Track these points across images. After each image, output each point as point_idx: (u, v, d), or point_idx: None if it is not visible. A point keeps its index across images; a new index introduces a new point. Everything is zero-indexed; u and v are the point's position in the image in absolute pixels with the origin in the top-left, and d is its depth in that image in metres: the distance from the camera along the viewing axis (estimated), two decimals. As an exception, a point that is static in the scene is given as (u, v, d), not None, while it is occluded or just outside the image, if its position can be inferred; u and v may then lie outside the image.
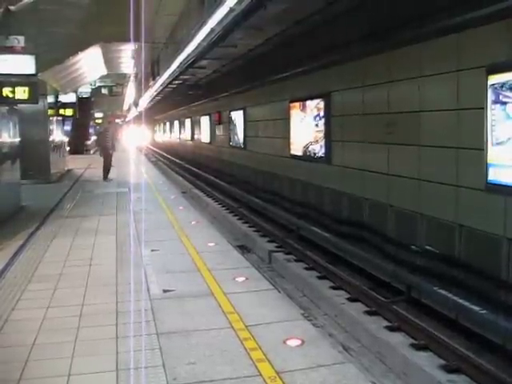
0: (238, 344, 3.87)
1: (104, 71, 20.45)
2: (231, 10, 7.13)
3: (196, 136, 25.31)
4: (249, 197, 14.28)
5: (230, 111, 17.22)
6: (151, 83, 14.53)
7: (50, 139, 15.53)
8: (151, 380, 3.36)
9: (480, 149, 5.57)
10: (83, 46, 13.14)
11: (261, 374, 3.39)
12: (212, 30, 8.61)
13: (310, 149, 10.41)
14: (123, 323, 4.33)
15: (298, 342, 3.87)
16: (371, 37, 7.38)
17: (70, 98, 20.01)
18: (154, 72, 17.55)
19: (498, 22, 5.33)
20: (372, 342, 5.84)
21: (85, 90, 25.96)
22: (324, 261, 8.49)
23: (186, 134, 27.78)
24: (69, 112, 18.51)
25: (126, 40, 13.31)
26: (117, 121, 47.75)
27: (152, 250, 6.79)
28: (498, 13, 5.02)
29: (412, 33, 6.40)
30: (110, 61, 17.97)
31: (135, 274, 5.69)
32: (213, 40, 9.37)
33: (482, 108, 5.51)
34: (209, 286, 5.25)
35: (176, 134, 32.50)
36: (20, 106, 10.43)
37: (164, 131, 41.27)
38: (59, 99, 18.33)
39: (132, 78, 21.95)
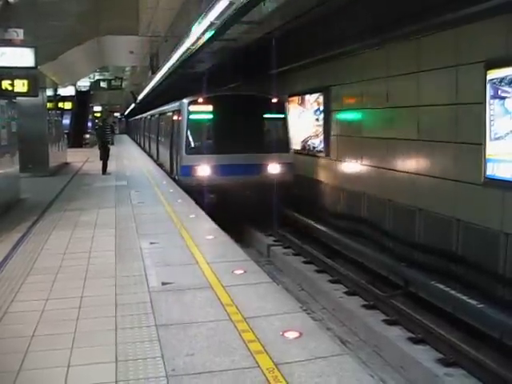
0: (236, 336, 3.87)
1: (102, 64, 20.33)
2: (231, 3, 7.11)
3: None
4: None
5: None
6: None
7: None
8: (150, 371, 3.37)
9: (478, 143, 5.58)
10: (82, 39, 13.07)
11: (259, 366, 3.40)
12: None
13: (309, 143, 10.43)
14: (122, 315, 4.33)
15: (296, 335, 3.88)
16: (369, 32, 7.38)
17: (68, 91, 19.93)
18: (152, 65, 17.44)
19: (497, 16, 5.34)
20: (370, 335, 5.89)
21: (83, 84, 25.82)
22: (323, 255, 8.55)
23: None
24: (67, 105, 18.43)
25: (125, 33, 13.27)
26: (115, 114, 47.50)
27: (151, 243, 6.79)
28: (497, 8, 5.03)
29: (410, 27, 6.41)
30: (108, 54, 17.88)
31: (134, 267, 5.69)
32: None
33: (480, 103, 5.52)
34: (207, 279, 5.25)
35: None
36: (19, 98, 10.39)
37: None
38: (58, 92, 18.26)
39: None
